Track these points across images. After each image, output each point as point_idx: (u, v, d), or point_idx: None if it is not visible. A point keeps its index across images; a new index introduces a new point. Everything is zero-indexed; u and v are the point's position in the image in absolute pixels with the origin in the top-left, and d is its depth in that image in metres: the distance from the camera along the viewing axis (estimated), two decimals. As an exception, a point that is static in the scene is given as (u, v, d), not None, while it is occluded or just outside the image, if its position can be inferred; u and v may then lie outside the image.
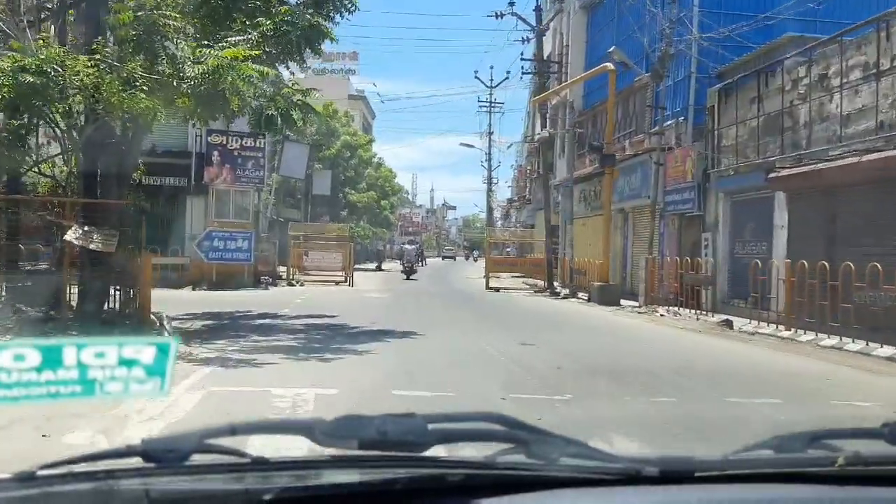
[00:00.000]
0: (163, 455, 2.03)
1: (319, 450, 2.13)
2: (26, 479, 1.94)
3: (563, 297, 34.49)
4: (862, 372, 14.70)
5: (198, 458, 2.06)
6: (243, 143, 37.62)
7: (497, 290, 38.75)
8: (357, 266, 64.32)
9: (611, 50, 32.61)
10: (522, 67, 46.37)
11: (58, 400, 1.87)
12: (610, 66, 33.32)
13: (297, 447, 2.38)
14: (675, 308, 26.07)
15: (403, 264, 53.32)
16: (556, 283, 38.73)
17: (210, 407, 9.61)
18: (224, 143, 37.33)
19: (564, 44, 47.60)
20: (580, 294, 34.20)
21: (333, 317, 22.01)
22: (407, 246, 60.22)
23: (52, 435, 7.71)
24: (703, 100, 30.12)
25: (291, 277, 40.87)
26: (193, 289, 34.80)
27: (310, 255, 41.71)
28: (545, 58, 41.20)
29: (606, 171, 32.14)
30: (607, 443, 7.22)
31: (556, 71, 44.48)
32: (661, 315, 25.44)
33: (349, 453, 2.11)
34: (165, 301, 22.29)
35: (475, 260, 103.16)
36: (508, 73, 71.94)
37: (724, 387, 12.24)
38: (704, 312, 25.10)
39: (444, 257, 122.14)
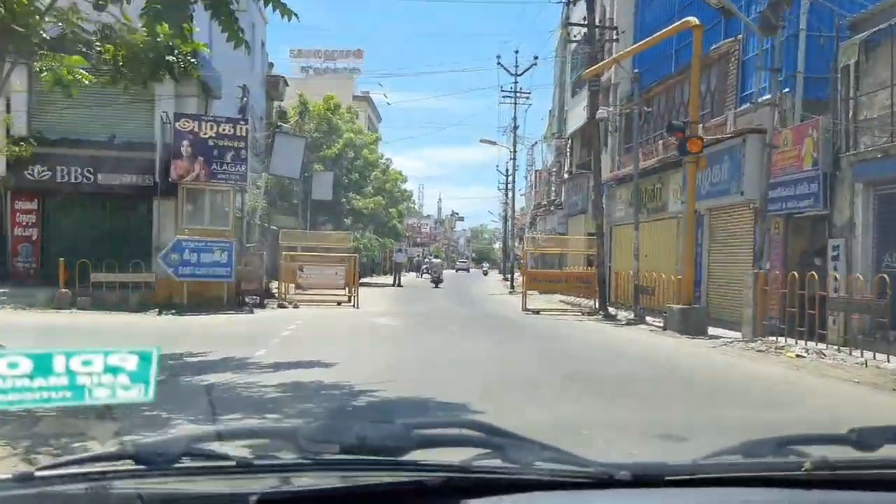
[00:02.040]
0: (153, 458, 2.17)
1: (302, 454, 2.23)
2: (24, 479, 2.08)
3: (627, 324, 26.88)
4: None
5: (186, 462, 2.19)
6: (220, 129, 30.18)
7: (537, 312, 31.21)
8: (363, 280, 57.74)
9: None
10: (568, 34, 38.78)
11: (49, 404, 2.02)
12: (693, 20, 25.79)
13: (281, 452, 2.32)
14: (816, 345, 18.51)
15: (431, 275, 63.07)
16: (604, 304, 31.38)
17: None
18: (196, 129, 29.89)
19: (608, 16, 40.17)
20: (649, 319, 26.69)
21: (328, 366, 14.37)
22: (434, 260, 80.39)
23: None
24: (818, 64, 22.76)
25: (283, 297, 33.28)
26: (160, 313, 27.47)
27: (305, 270, 34.09)
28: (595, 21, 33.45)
29: (689, 161, 24.57)
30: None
31: (611, 38, 36.87)
32: (799, 356, 17.84)
33: (331, 457, 2.23)
34: (98, 331, 19.77)
35: (485, 273, 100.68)
36: (536, 58, 63.56)
37: None
38: (851, 352, 17.78)
39: (457, 269, 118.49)
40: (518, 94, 63.95)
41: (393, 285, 57.86)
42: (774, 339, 19.78)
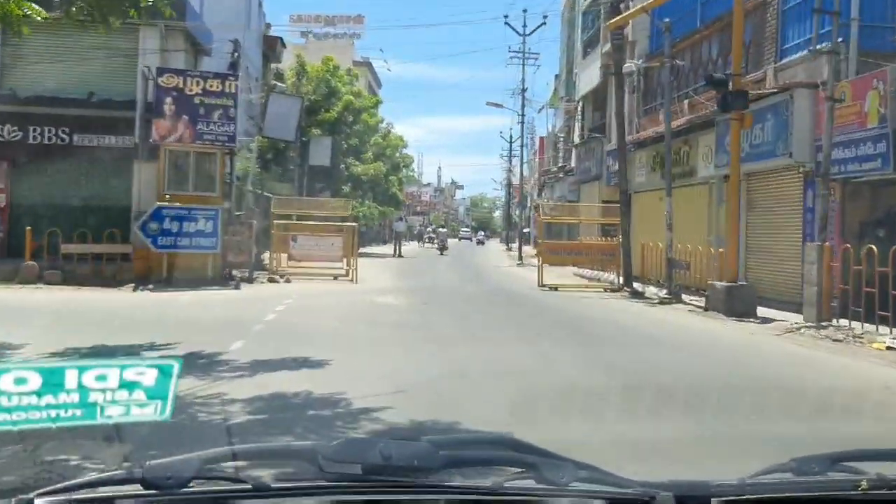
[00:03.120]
0: (162, 482, 2.03)
1: (322, 475, 2.13)
2: None
3: (661, 303, 24.00)
4: None
5: (198, 485, 2.07)
6: (207, 86, 27.24)
7: (554, 288, 28.36)
8: (362, 250, 54.88)
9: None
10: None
11: (58, 424, 1.96)
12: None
13: (301, 473, 2.22)
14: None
15: (438, 243, 67.43)
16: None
17: None
18: (180, 85, 26.97)
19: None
20: (686, 297, 23.87)
21: (319, 367, 11.48)
22: (441, 229, 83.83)
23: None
24: (876, 11, 20.00)
25: (274, 270, 30.41)
26: (136, 289, 24.81)
27: (299, 241, 31.15)
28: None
29: (733, 118, 21.62)
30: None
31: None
32: (890, 348, 14.97)
33: (353, 479, 2.12)
34: (56, 311, 18.27)
35: (480, 242, 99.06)
36: (546, 17, 59.45)
37: None
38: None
39: (460, 238, 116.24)
40: (526, 55, 60.43)
41: (393, 256, 55.34)
42: (848, 324, 16.90)
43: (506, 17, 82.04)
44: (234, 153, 29.94)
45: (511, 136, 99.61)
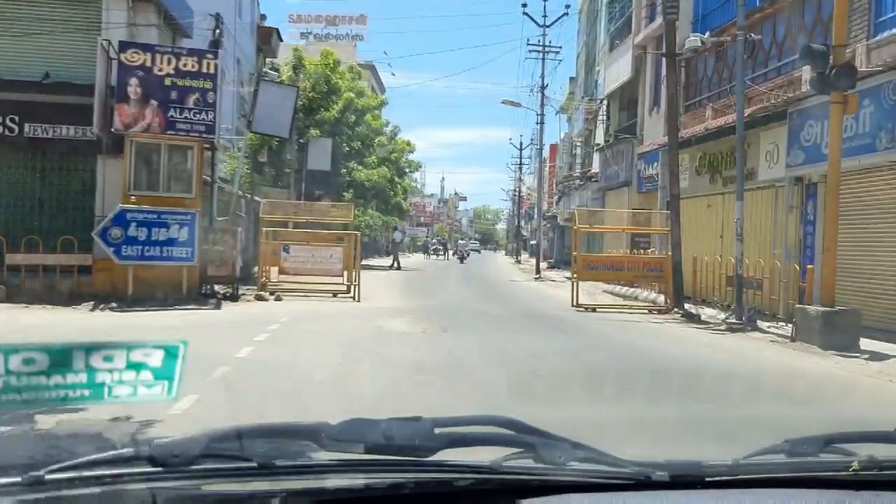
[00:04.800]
0: (169, 459, 2.07)
1: (325, 453, 2.15)
2: (34, 482, 1.95)
3: (730, 330, 19.54)
4: None
5: (205, 463, 2.08)
6: (180, 64, 22.86)
7: (592, 309, 23.98)
8: (364, 262, 50.54)
9: None
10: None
11: (66, 404, 2.02)
12: None
13: (305, 451, 2.22)
14: None
15: (459, 254, 74.57)
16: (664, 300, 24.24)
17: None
18: (148, 63, 22.59)
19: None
20: (761, 323, 19.52)
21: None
22: (461, 241, 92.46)
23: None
24: None
25: (263, 287, 26.00)
26: (96, 308, 20.85)
27: (292, 252, 26.65)
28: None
29: (834, 100, 17.16)
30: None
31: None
32: None
33: (355, 457, 2.16)
34: None
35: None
36: (568, 7, 54.36)
37: None
38: None
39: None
40: (547, 49, 55.67)
41: (391, 268, 51.60)
42: None
43: (524, 5, 77.08)
44: (216, 147, 25.53)
45: (521, 143, 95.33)
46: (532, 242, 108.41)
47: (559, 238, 69.91)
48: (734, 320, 19.96)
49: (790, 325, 18.09)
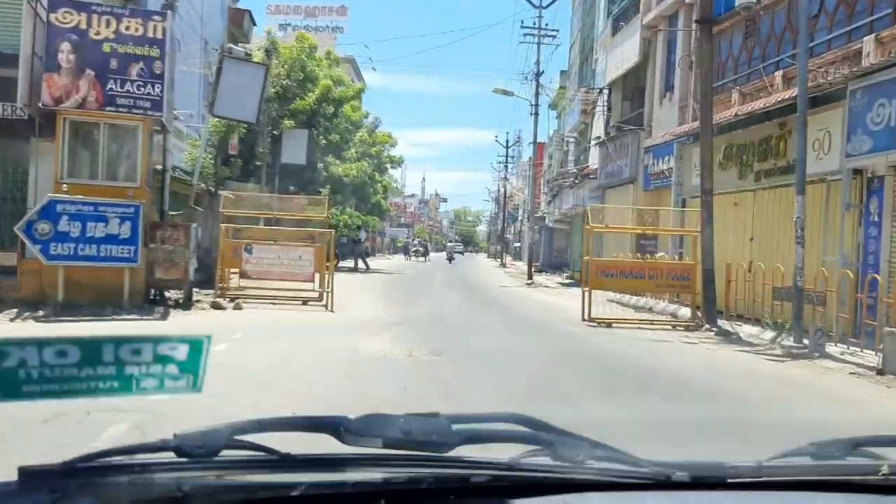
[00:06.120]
0: (194, 450, 2.08)
1: (344, 447, 2.13)
2: (67, 470, 2.00)
3: (790, 356, 15.86)
4: None
5: (227, 454, 2.09)
6: (121, 27, 19.15)
7: (608, 324, 20.42)
8: (346, 265, 47.13)
9: None
10: None
11: (96, 395, 1.94)
12: None
13: (323, 445, 2.19)
14: None
15: (447, 254, 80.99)
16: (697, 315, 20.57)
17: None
18: (82, 25, 18.89)
19: None
20: (829, 347, 15.92)
21: None
22: (449, 244, 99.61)
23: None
24: None
25: (221, 292, 22.28)
26: (18, 317, 17.42)
27: (255, 252, 22.80)
28: None
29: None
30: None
31: None
32: None
33: (374, 451, 2.12)
34: None
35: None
36: None
37: None
38: None
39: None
40: (543, 33, 51.66)
41: (355, 269, 48.44)
42: None
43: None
44: (167, 128, 21.79)
45: (508, 141, 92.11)
46: (516, 245, 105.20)
47: (548, 241, 66.28)
48: (792, 343, 16.24)
49: (866, 351, 14.57)
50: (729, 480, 2.22)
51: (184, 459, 2.07)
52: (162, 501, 1.99)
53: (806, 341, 16.04)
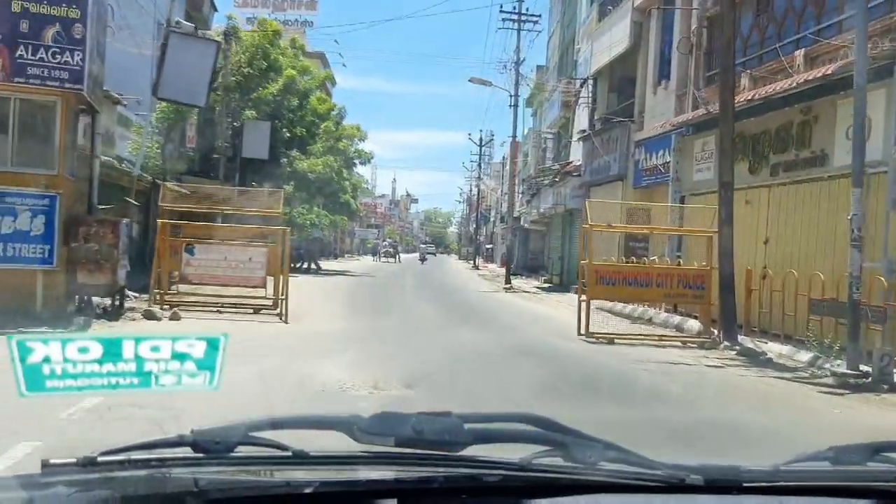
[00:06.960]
0: (211, 446, 2.12)
1: (357, 446, 2.13)
2: (88, 464, 2.04)
3: (847, 385, 12.83)
4: None
5: (243, 450, 2.12)
6: (32, -18, 16.03)
7: (609, 340, 17.47)
8: (305, 266, 44.10)
9: None
10: None
11: (117, 391, 2.01)
12: None
13: (336, 442, 2.20)
14: None
15: (420, 255, 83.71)
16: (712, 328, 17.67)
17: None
18: (-16, -19, 15.74)
19: None
20: (871, 372, 12.95)
21: None
22: (422, 245, 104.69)
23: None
24: None
25: (157, 298, 19.17)
26: None
27: (197, 253, 19.61)
28: None
29: None
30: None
31: None
32: None
33: (386, 450, 2.13)
34: None
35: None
36: None
37: None
38: None
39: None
40: (524, 18, 48.59)
41: (307, 271, 45.37)
42: None
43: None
44: (97, 110, 18.64)
45: (481, 139, 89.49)
46: (488, 246, 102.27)
47: (522, 242, 63.32)
48: (846, 370, 13.20)
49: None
50: (744, 484, 2.15)
51: (200, 455, 2.11)
52: (179, 496, 1.95)
53: (864, 367, 13.03)
